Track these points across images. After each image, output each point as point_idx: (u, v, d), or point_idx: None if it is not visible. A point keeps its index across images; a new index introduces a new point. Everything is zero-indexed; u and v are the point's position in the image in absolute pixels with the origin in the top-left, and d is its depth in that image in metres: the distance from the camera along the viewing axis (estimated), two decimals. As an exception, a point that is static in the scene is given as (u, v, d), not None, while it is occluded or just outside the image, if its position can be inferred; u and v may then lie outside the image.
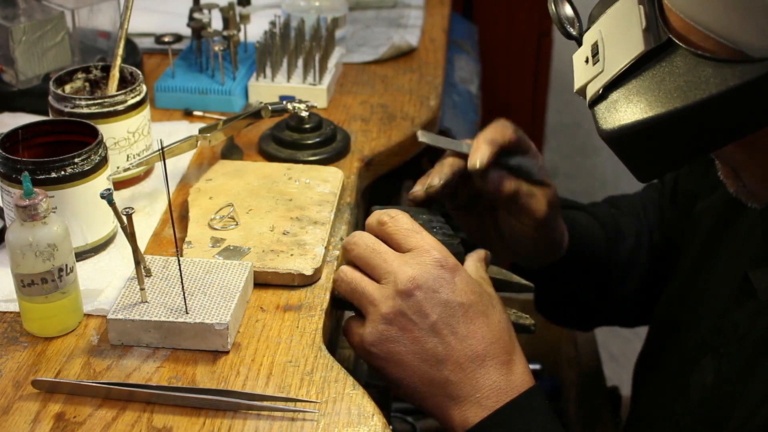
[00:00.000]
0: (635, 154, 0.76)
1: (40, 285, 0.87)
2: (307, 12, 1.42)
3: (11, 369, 0.86)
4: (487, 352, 0.87)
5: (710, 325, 1.00)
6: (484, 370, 0.87)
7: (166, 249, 1.02)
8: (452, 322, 0.87)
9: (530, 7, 2.23)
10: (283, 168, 1.13)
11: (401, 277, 0.88)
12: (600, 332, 1.65)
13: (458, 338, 0.87)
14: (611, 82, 0.76)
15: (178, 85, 1.30)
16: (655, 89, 0.72)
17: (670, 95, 0.71)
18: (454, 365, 0.87)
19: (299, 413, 0.82)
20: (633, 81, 0.74)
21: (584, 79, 0.80)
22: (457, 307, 0.88)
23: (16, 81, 1.23)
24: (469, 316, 0.88)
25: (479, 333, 0.88)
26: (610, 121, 0.75)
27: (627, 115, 0.73)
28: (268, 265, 0.97)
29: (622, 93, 0.75)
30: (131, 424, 0.81)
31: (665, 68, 0.73)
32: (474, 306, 0.88)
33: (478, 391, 0.86)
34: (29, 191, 0.84)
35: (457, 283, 0.88)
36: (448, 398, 0.87)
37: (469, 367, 0.87)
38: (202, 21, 1.34)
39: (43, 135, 1.01)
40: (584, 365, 1.54)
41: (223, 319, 0.87)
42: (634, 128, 0.73)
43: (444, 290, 0.88)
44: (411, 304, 0.87)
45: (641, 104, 0.73)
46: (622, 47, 0.76)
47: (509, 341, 0.89)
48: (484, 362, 0.87)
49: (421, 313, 0.87)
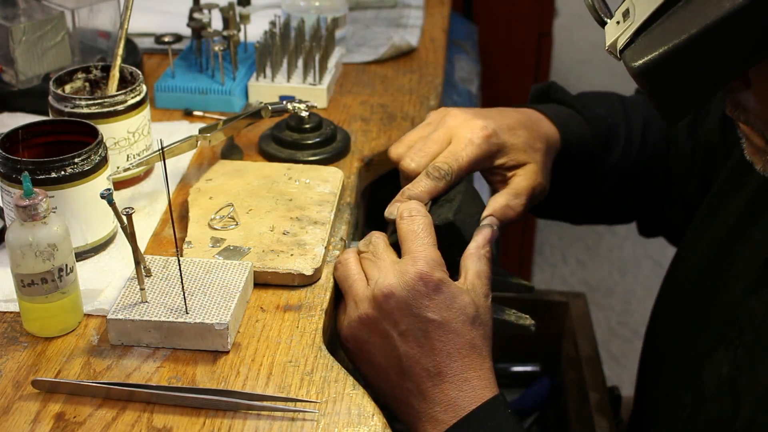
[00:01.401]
0: (664, 87, 0.77)
1: (40, 285, 0.87)
2: (307, 12, 1.42)
3: (11, 369, 0.86)
4: (450, 369, 0.89)
5: (725, 317, 1.00)
6: (444, 386, 0.89)
7: (166, 249, 1.02)
8: (420, 335, 0.90)
9: (530, 7, 2.23)
10: (283, 168, 1.13)
11: (381, 283, 0.91)
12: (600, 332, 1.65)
13: (423, 352, 0.89)
14: (640, 27, 0.77)
15: (178, 85, 1.30)
16: (681, 24, 0.74)
17: (693, 21, 0.73)
18: (415, 379, 0.90)
19: (299, 413, 0.82)
20: (662, 22, 0.76)
21: (615, 35, 0.81)
22: (428, 323, 0.90)
23: (16, 81, 1.23)
24: (439, 334, 0.90)
25: (445, 351, 0.90)
26: (638, 57, 0.76)
27: (654, 48, 0.75)
28: (268, 265, 0.97)
29: (651, 34, 0.76)
30: (131, 424, 0.81)
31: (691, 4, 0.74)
32: (446, 324, 0.90)
33: (435, 406, 0.89)
34: (29, 191, 0.84)
35: (433, 299, 0.90)
36: (410, 408, 0.91)
37: (428, 383, 0.89)
38: (202, 21, 1.34)
39: (43, 135, 1.01)
40: (584, 365, 1.54)
41: (223, 319, 0.87)
42: (662, 56, 0.74)
43: (416, 304, 0.90)
44: (384, 311, 0.90)
45: (668, 36, 0.74)
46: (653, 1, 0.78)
47: (476, 360, 0.91)
48: (445, 379, 0.89)
49: (393, 322, 0.90)
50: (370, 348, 0.92)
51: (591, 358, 1.56)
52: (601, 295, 2.70)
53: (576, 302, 1.68)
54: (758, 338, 0.94)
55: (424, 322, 0.90)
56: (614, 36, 0.81)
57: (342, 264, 0.97)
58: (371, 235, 0.98)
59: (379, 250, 0.95)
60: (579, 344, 1.59)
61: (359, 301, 0.93)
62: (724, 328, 1.00)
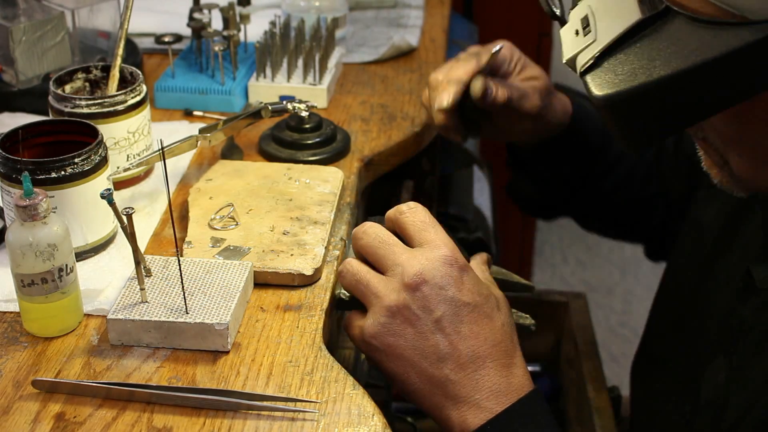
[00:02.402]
0: (629, 121, 0.74)
1: (40, 285, 0.87)
2: (307, 12, 1.42)
3: (11, 369, 0.86)
4: (489, 354, 0.87)
5: (718, 324, 1.00)
6: (485, 371, 0.86)
7: (166, 249, 1.02)
8: (456, 320, 0.86)
9: (530, 7, 2.23)
10: (283, 168, 1.13)
11: (409, 270, 0.87)
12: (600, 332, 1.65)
13: (461, 337, 0.86)
14: (605, 50, 0.75)
15: (178, 85, 1.30)
16: (653, 55, 0.71)
17: (668, 60, 0.70)
18: (454, 364, 0.86)
19: (299, 413, 0.82)
20: (629, 48, 0.73)
21: (574, 50, 0.78)
22: (462, 307, 0.87)
23: (16, 81, 1.23)
24: (473, 317, 0.87)
25: (482, 335, 0.87)
26: (605, 86, 0.73)
27: (624, 81, 0.72)
28: (268, 265, 0.97)
29: (618, 60, 0.74)
30: (131, 424, 0.81)
31: (663, 35, 0.72)
32: (479, 307, 0.88)
33: (477, 392, 0.85)
34: (29, 191, 0.84)
35: (464, 283, 0.87)
36: (446, 398, 0.86)
37: (470, 368, 0.86)
38: (202, 21, 1.34)
39: (43, 135, 1.01)
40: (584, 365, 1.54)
41: (223, 319, 0.87)
42: (631, 92, 0.71)
43: (451, 288, 0.87)
44: (416, 298, 0.86)
45: (638, 69, 0.72)
46: (615, 17, 0.75)
47: (511, 345, 0.89)
48: (485, 364, 0.86)
49: (426, 309, 0.86)
50: (401, 341, 0.87)
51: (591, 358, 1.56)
52: (601, 295, 2.71)
53: (576, 302, 1.68)
54: (748, 345, 0.94)
55: (459, 306, 0.86)
56: (574, 50, 0.78)
57: (346, 270, 0.91)
58: (365, 225, 0.93)
59: (384, 236, 0.91)
60: (579, 344, 1.59)
61: (384, 294, 0.87)
62: (719, 336, 1.00)
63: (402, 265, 0.87)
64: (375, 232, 0.91)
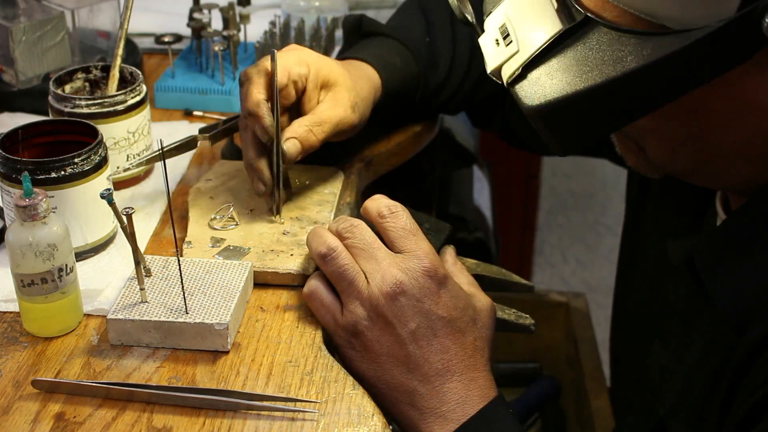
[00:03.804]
0: (560, 129, 0.77)
1: (40, 285, 0.87)
2: (307, 12, 1.42)
3: (11, 369, 0.86)
4: (456, 368, 0.88)
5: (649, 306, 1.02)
6: (452, 385, 0.87)
7: (166, 249, 1.02)
8: (430, 333, 0.88)
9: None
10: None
11: (388, 278, 0.87)
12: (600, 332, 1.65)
13: (432, 351, 0.87)
14: (530, 62, 0.77)
15: (178, 85, 1.30)
16: (578, 65, 0.74)
17: (593, 69, 0.72)
18: (423, 377, 0.87)
19: (299, 413, 0.82)
20: (553, 59, 0.75)
21: (498, 61, 0.80)
22: (437, 320, 0.88)
23: (16, 81, 1.23)
24: (446, 331, 0.88)
25: (452, 350, 0.88)
26: (534, 97, 0.75)
27: (552, 91, 0.74)
28: (268, 265, 0.97)
29: (543, 71, 0.76)
30: (131, 424, 0.81)
31: (585, 45, 0.74)
32: (453, 322, 0.88)
33: (444, 404, 0.87)
34: (29, 191, 0.84)
35: (442, 296, 0.88)
36: (413, 408, 0.88)
37: (437, 381, 0.87)
38: (202, 21, 1.34)
39: (43, 135, 1.01)
40: (584, 365, 1.55)
41: (223, 319, 0.87)
42: (561, 102, 0.74)
43: (427, 301, 0.88)
44: (393, 307, 0.87)
45: (566, 80, 0.74)
46: (535, 27, 0.77)
47: (480, 360, 0.90)
48: (453, 378, 0.88)
49: (402, 319, 0.87)
50: (376, 346, 0.88)
51: (591, 358, 1.56)
52: (601, 295, 2.70)
53: (576, 302, 1.68)
54: (676, 326, 0.95)
55: (433, 320, 0.88)
56: (497, 61, 0.80)
57: (338, 255, 0.89)
58: (352, 224, 0.92)
59: (368, 238, 0.90)
60: (579, 344, 1.59)
61: (364, 298, 0.88)
62: (652, 318, 1.01)
63: (382, 272, 0.88)
64: (362, 234, 0.91)
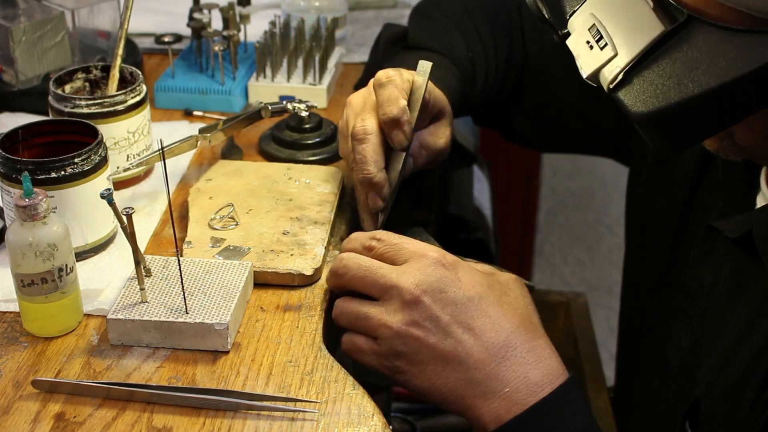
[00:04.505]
0: (671, 134, 0.75)
1: (40, 285, 0.87)
2: (307, 12, 1.42)
3: (11, 369, 0.86)
4: (508, 342, 0.84)
5: (680, 291, 1.01)
6: (509, 362, 0.84)
7: (166, 249, 1.02)
8: (465, 318, 0.85)
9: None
10: (283, 168, 1.13)
11: (405, 287, 0.85)
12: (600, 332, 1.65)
13: (474, 335, 0.84)
14: (632, 66, 0.75)
15: (178, 85, 1.30)
16: (687, 68, 0.71)
17: (706, 73, 0.70)
18: (476, 363, 0.84)
19: (299, 413, 0.82)
20: (658, 63, 0.73)
21: (594, 65, 0.78)
22: (467, 303, 0.85)
23: (16, 81, 1.24)
24: (481, 309, 0.85)
25: (496, 324, 0.85)
26: (641, 104, 0.73)
27: (663, 96, 0.72)
28: (268, 265, 0.97)
29: (648, 76, 0.74)
30: (131, 424, 0.81)
31: (692, 45, 0.72)
32: (484, 298, 0.86)
33: (506, 385, 0.83)
34: (29, 191, 0.84)
35: (461, 278, 0.86)
36: (475, 398, 0.84)
37: (492, 362, 0.84)
38: (202, 21, 1.34)
39: (43, 135, 1.01)
40: (584, 365, 1.55)
41: (223, 319, 0.87)
42: (675, 108, 0.72)
43: (450, 288, 0.85)
44: (421, 311, 0.85)
45: (676, 84, 0.72)
46: (632, 29, 0.75)
47: (530, 324, 0.87)
48: (507, 354, 0.84)
49: (433, 318, 0.85)
50: (420, 358, 0.84)
51: (591, 358, 1.56)
52: (601, 295, 2.70)
53: (576, 302, 1.68)
54: (708, 306, 0.94)
55: (463, 304, 0.85)
56: (594, 65, 0.78)
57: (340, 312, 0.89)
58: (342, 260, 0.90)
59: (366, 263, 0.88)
60: (579, 344, 1.59)
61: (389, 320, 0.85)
62: (679, 302, 1.00)
63: (396, 285, 0.86)
64: (357, 263, 0.89)
